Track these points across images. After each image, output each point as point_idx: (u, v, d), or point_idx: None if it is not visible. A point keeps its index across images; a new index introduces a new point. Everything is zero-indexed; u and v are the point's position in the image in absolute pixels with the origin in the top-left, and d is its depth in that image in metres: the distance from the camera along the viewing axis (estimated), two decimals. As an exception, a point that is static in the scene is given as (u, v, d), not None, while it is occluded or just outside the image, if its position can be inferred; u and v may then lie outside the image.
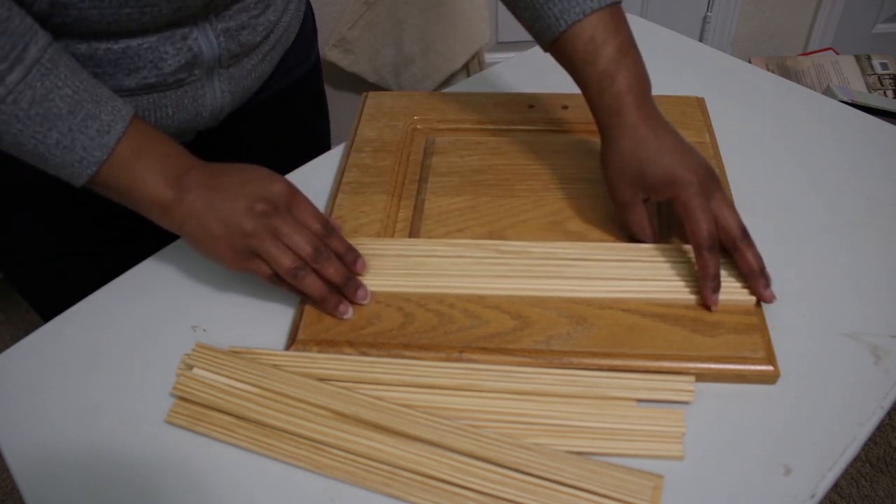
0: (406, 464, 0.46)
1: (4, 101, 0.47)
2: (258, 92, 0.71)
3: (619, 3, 0.57)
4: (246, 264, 0.53)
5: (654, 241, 0.58)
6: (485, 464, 0.46)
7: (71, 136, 0.50)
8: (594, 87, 0.56)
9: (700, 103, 0.73)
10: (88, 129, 0.50)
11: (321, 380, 0.51)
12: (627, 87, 0.55)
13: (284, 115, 0.77)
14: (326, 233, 0.55)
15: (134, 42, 0.55)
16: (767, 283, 0.53)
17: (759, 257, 0.53)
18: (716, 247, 0.52)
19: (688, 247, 0.57)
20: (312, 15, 0.78)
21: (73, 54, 0.54)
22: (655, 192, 0.55)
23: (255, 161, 0.57)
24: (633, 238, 0.59)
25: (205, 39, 0.59)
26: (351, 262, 0.55)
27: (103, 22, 0.52)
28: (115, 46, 0.55)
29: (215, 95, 0.63)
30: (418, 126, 0.72)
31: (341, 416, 0.49)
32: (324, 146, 0.85)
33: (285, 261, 0.52)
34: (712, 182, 0.54)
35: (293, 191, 0.55)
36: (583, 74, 0.56)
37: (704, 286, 0.52)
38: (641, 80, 0.56)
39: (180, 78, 0.59)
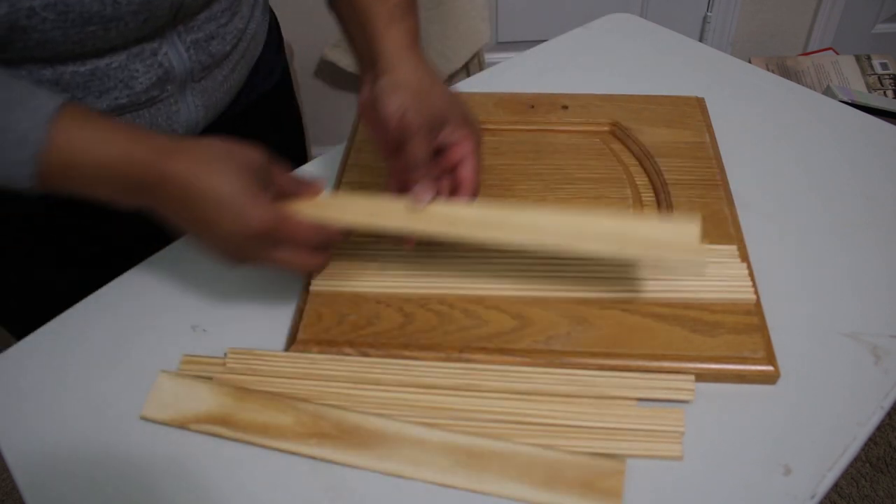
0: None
1: None
2: (230, 106, 0.69)
3: None
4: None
5: (425, 187, 0.53)
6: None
7: None
8: (383, 18, 0.55)
9: (700, 103, 0.73)
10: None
11: (321, 380, 0.51)
12: (416, 29, 0.57)
13: (256, 129, 0.72)
14: (329, 243, 0.53)
15: (102, 62, 0.53)
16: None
17: None
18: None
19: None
20: (277, 24, 0.76)
21: (38, 80, 0.51)
22: (450, 127, 0.55)
23: None
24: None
25: (175, 53, 0.57)
26: None
27: (68, 43, 0.49)
28: (83, 69, 0.52)
29: (189, 110, 0.62)
30: (418, 126, 0.72)
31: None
32: (300, 158, 0.83)
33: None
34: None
35: (275, 217, 0.49)
36: (373, 6, 0.56)
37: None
38: (419, 32, 0.58)
39: (153, 96, 0.58)
